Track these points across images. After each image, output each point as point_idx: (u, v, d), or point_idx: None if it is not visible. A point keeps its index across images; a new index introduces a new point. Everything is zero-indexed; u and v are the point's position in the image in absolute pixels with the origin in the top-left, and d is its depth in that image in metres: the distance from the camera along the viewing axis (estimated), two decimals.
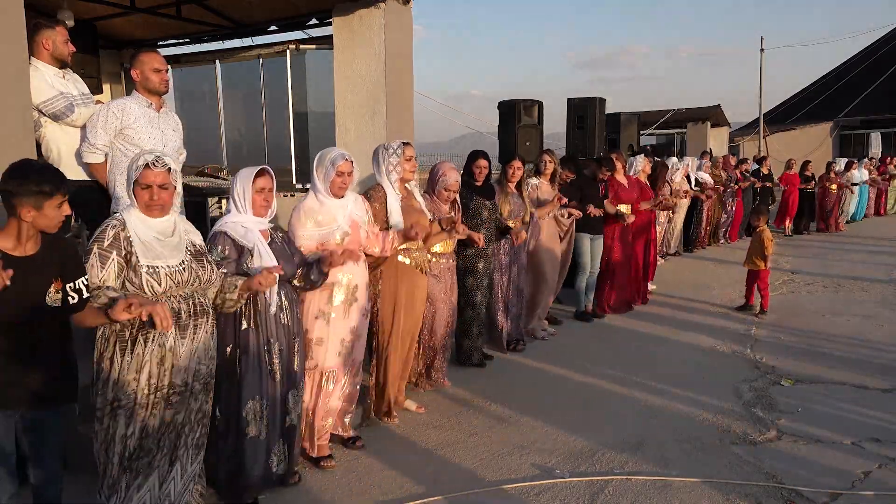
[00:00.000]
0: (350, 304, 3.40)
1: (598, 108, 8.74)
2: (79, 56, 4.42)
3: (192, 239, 2.63)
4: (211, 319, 2.64)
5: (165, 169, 2.46)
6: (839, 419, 3.99)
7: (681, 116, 17.98)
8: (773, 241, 6.59)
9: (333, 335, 3.35)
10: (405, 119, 5.68)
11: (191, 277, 2.51)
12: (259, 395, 2.92)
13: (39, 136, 3.55)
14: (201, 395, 2.65)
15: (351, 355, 3.46)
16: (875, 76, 26.23)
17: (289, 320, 3.03)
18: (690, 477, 3.28)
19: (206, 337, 2.61)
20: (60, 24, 3.70)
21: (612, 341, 5.70)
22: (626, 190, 6.47)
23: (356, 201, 3.48)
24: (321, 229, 3.29)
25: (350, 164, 3.33)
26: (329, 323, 3.33)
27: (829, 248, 10.98)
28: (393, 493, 3.15)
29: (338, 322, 3.36)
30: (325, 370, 3.36)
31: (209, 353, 2.64)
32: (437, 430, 3.83)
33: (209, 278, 2.60)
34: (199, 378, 2.60)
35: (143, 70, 3.51)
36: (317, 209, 3.32)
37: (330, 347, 3.35)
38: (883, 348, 5.40)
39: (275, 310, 2.95)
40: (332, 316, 3.34)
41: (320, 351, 3.33)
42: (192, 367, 2.56)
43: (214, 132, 7.79)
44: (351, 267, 3.33)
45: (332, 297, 3.34)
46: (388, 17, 5.30)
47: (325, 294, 3.31)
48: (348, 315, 3.40)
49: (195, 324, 2.55)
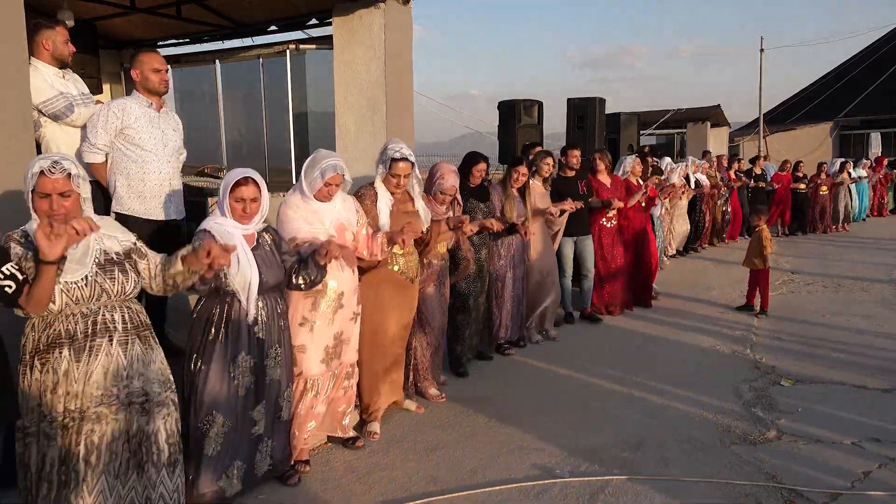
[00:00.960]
0: (335, 311, 3.30)
1: (598, 108, 8.74)
2: (79, 56, 4.42)
3: (106, 246, 2.40)
4: (119, 336, 2.38)
5: (65, 175, 2.23)
6: (839, 419, 3.98)
7: (681, 116, 17.97)
8: (772, 240, 6.57)
9: (317, 342, 3.25)
10: (405, 119, 5.67)
11: (94, 293, 2.30)
12: (218, 409, 2.80)
13: (39, 136, 3.55)
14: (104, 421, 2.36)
15: (339, 359, 3.38)
16: (875, 76, 26.20)
17: (265, 333, 2.90)
18: (690, 477, 3.28)
19: (108, 359, 2.35)
20: (60, 24, 3.70)
21: (612, 341, 5.70)
22: (608, 190, 6.31)
23: (345, 202, 3.35)
24: (310, 227, 3.20)
25: (341, 176, 3.20)
26: (313, 330, 3.24)
27: (829, 248, 10.98)
28: (393, 493, 3.14)
29: (322, 329, 3.26)
30: (309, 378, 3.27)
31: (121, 373, 2.38)
32: (437, 430, 3.83)
33: (121, 290, 2.37)
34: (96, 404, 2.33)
35: (143, 70, 3.51)
36: (302, 207, 3.22)
37: (313, 355, 3.25)
38: (883, 348, 5.40)
39: (252, 320, 2.84)
40: (316, 323, 3.24)
41: (303, 359, 3.24)
42: (89, 393, 2.31)
43: (214, 132, 7.80)
44: (336, 272, 3.24)
45: (317, 304, 3.23)
46: (388, 17, 5.30)
47: (309, 301, 3.22)
48: (333, 322, 3.30)
49: (92, 344, 2.32)
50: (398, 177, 3.65)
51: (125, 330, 2.40)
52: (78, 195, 2.30)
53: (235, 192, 2.78)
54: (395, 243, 3.52)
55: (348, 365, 3.49)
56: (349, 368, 3.50)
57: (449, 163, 4.33)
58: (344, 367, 3.45)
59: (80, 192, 2.32)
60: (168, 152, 3.64)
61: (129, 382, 2.40)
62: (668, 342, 5.64)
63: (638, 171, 6.89)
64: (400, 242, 3.47)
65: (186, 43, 7.61)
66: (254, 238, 2.89)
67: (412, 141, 5.87)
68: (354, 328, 3.48)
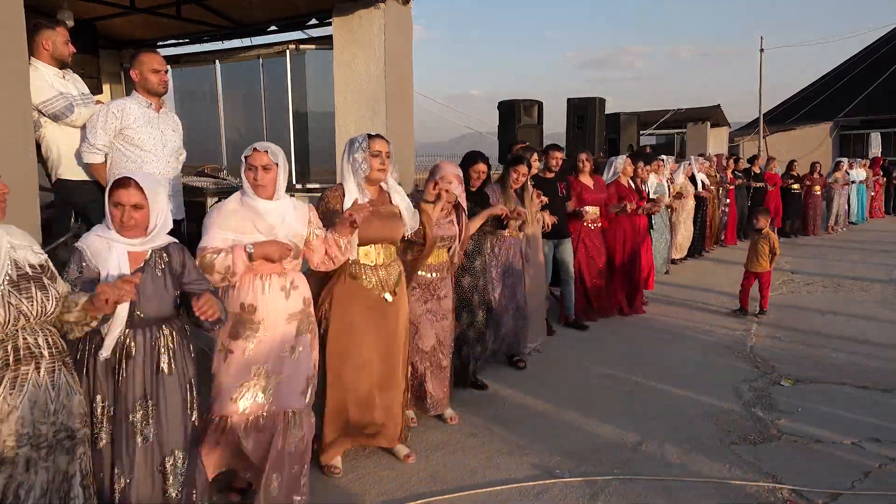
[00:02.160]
0: (255, 342, 2.77)
1: (597, 108, 8.76)
2: (79, 56, 4.42)
3: (19, 257, 2.01)
4: (46, 363, 2.02)
5: None
6: (839, 419, 3.98)
7: (681, 116, 17.99)
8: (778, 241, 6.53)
9: (229, 376, 2.75)
10: (405, 119, 5.67)
11: (9, 316, 1.92)
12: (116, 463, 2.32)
13: (39, 137, 3.55)
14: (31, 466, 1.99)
15: (262, 401, 2.77)
16: (875, 76, 26.21)
17: (130, 379, 2.30)
18: (690, 477, 3.28)
19: (35, 390, 1.98)
20: (61, 24, 3.70)
21: (611, 342, 5.69)
22: (591, 191, 6.00)
23: (296, 210, 2.86)
24: (238, 236, 2.72)
25: (265, 155, 2.71)
26: (227, 360, 2.76)
27: (829, 248, 10.98)
28: (393, 493, 3.14)
29: (235, 360, 2.75)
30: (220, 415, 2.77)
31: (48, 406, 2.01)
32: (437, 430, 3.83)
33: (41, 310, 1.99)
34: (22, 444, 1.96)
35: (142, 70, 3.51)
36: (240, 210, 2.75)
37: (225, 390, 2.75)
38: (883, 348, 5.40)
39: (110, 358, 2.27)
40: (231, 353, 2.75)
41: (217, 392, 2.76)
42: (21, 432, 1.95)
43: (214, 132, 7.79)
44: (257, 294, 2.78)
45: (235, 331, 2.74)
46: (388, 17, 5.30)
47: (229, 325, 2.73)
48: (252, 355, 2.76)
49: (15, 375, 1.95)
50: (380, 154, 3.16)
51: (51, 356, 2.04)
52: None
53: (114, 194, 2.29)
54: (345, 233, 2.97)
55: (285, 412, 2.80)
56: (288, 416, 2.81)
57: (453, 164, 3.84)
58: (277, 413, 2.79)
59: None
60: (167, 153, 3.65)
61: (56, 418, 2.05)
62: (667, 342, 5.64)
63: (629, 171, 6.61)
64: (348, 226, 2.93)
65: (186, 43, 7.61)
66: (144, 256, 2.37)
67: (412, 141, 5.87)
68: (294, 365, 2.83)
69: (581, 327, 5.98)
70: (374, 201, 3.23)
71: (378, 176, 3.22)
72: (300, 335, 2.87)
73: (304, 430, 2.84)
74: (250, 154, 2.73)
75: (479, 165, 4.32)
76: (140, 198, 2.29)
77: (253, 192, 2.73)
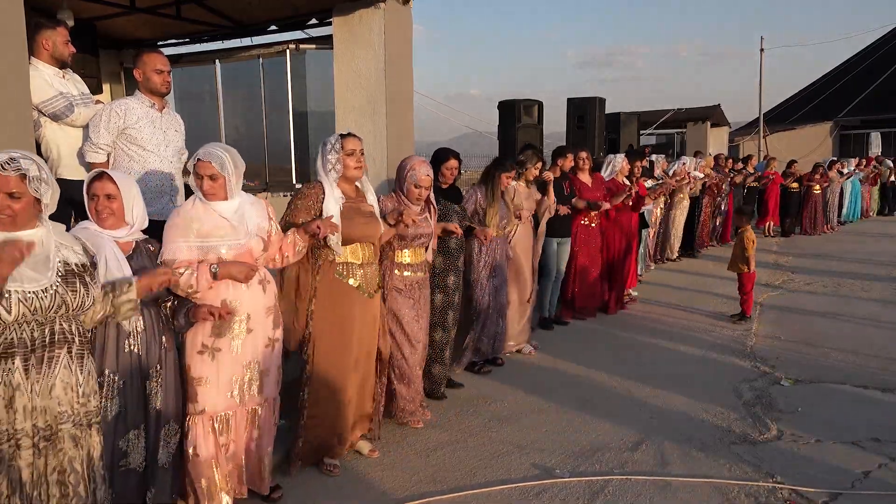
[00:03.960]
0: (242, 338, 2.80)
1: (597, 108, 8.77)
2: (79, 56, 4.41)
3: (66, 257, 2.18)
4: (76, 349, 2.17)
5: (18, 174, 2.02)
6: (839, 419, 3.99)
7: (681, 116, 18.00)
8: (755, 242, 6.37)
9: (222, 374, 2.77)
10: (405, 119, 5.67)
11: (53, 304, 2.08)
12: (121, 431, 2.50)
13: (39, 137, 3.55)
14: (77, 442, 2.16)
15: (254, 394, 2.86)
16: (875, 76, 26.21)
17: (141, 349, 2.53)
18: (690, 477, 3.28)
19: (67, 372, 2.14)
20: (61, 24, 3.69)
21: (611, 342, 5.70)
22: (590, 189, 6.09)
23: (254, 205, 2.84)
24: (203, 241, 2.68)
25: (210, 165, 2.67)
26: (215, 359, 2.75)
27: (828, 248, 10.98)
28: (393, 493, 3.15)
29: (226, 359, 2.77)
30: (215, 415, 2.79)
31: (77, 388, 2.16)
32: (437, 430, 3.83)
33: (81, 304, 2.16)
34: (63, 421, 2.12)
35: (146, 70, 3.51)
36: (195, 216, 2.70)
37: (217, 388, 2.77)
38: (883, 348, 5.40)
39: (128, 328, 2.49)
40: (219, 351, 2.76)
41: (205, 392, 2.75)
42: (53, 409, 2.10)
43: (214, 132, 7.79)
44: (240, 291, 2.77)
45: (219, 329, 2.75)
46: (388, 16, 5.29)
47: (209, 325, 2.72)
48: (240, 350, 2.80)
49: (51, 355, 2.09)
50: (354, 153, 3.19)
51: (81, 343, 2.20)
52: (32, 200, 2.07)
53: (90, 187, 2.50)
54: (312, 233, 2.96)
55: (271, 400, 2.98)
56: (270, 404, 2.98)
57: (422, 163, 3.79)
58: (264, 403, 2.94)
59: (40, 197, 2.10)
60: (170, 153, 3.64)
61: (87, 401, 2.20)
62: (667, 342, 5.64)
63: (626, 170, 6.68)
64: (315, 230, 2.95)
65: (186, 43, 7.61)
66: (130, 246, 2.57)
67: (412, 141, 5.87)
68: (273, 357, 2.94)
69: (562, 324, 6.08)
70: (352, 199, 3.25)
71: (355, 174, 3.24)
72: (276, 328, 2.95)
73: (276, 417, 3.05)
74: (196, 164, 2.70)
75: (452, 162, 4.28)
76: (113, 188, 2.48)
77: (205, 199, 2.72)
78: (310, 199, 3.15)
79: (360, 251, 3.28)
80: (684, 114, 17.98)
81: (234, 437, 2.86)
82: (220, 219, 2.71)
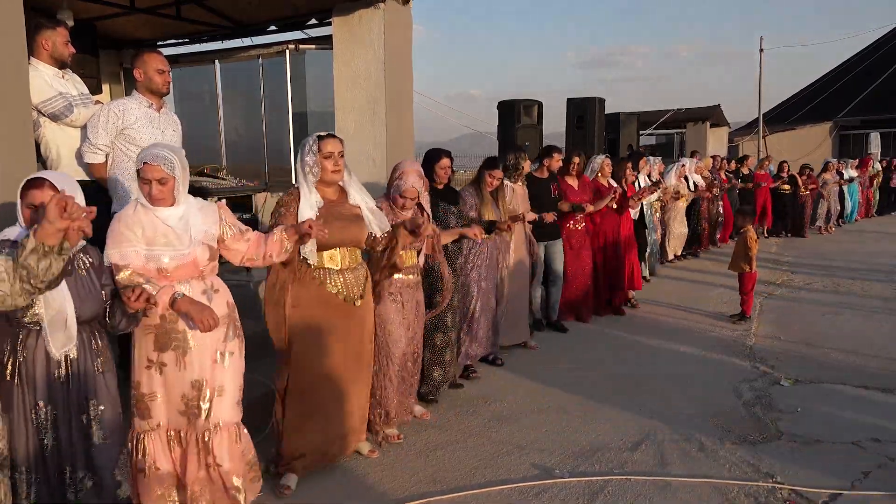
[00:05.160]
0: (185, 351, 2.61)
1: (597, 108, 8.76)
2: (78, 56, 4.41)
3: None
4: None
5: None
6: (839, 419, 3.98)
7: (680, 116, 17.99)
8: (757, 241, 6.37)
9: (170, 389, 2.62)
10: (405, 119, 5.68)
11: None
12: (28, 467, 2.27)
13: (38, 137, 3.55)
14: None
15: (204, 417, 2.65)
16: (875, 76, 26.22)
17: (74, 380, 2.31)
18: (690, 477, 3.28)
19: None
20: (61, 24, 3.69)
21: (611, 342, 5.69)
22: (576, 192, 5.98)
23: (202, 210, 2.68)
24: (148, 249, 2.52)
25: (159, 168, 2.47)
26: (162, 373, 2.61)
27: (828, 248, 10.98)
28: (393, 493, 3.14)
29: (171, 373, 2.61)
30: (170, 430, 2.66)
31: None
32: (437, 430, 3.83)
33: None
34: None
35: (147, 70, 3.51)
36: (138, 222, 2.53)
37: (167, 404, 2.63)
38: (883, 348, 5.40)
39: (56, 361, 2.25)
40: (164, 366, 2.60)
41: (156, 407, 2.62)
42: None
43: (214, 132, 7.79)
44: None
45: (161, 342, 2.59)
46: (388, 16, 5.30)
47: (151, 338, 2.59)
48: (186, 365, 2.62)
49: None
50: (332, 155, 3.02)
51: None
52: None
53: (27, 195, 2.22)
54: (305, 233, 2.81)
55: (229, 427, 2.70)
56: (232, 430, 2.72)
57: (414, 162, 3.70)
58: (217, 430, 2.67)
59: None
60: None
61: None
62: (667, 342, 5.64)
63: (608, 171, 6.54)
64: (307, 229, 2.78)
65: (186, 43, 7.61)
66: None
67: (412, 141, 5.87)
68: (227, 373, 2.71)
69: (561, 329, 5.91)
70: (333, 202, 3.11)
71: (332, 178, 3.08)
72: (228, 340, 2.72)
73: (244, 444, 2.76)
74: (142, 168, 2.50)
75: (444, 161, 4.17)
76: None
77: (151, 203, 2.54)
78: (289, 208, 3.02)
79: (340, 256, 3.14)
80: (684, 114, 17.98)
81: (188, 459, 2.65)
82: (164, 226, 2.54)
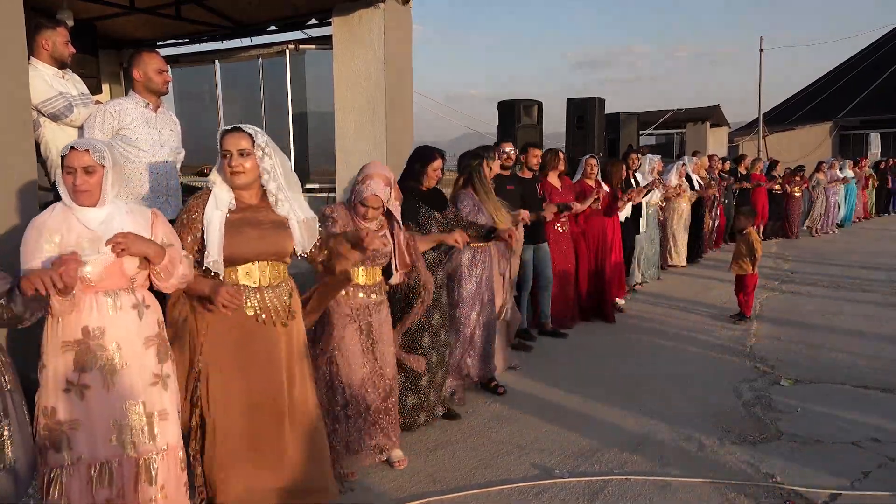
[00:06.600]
0: (113, 372, 2.32)
1: (597, 108, 8.75)
2: (78, 56, 4.41)
3: None
4: None
5: None
6: (839, 419, 3.98)
7: (680, 116, 18.00)
8: (760, 242, 6.33)
9: (95, 416, 2.31)
10: (405, 119, 5.68)
11: None
12: None
13: (38, 137, 3.54)
14: None
15: (144, 440, 2.38)
16: (875, 76, 26.26)
17: None
18: (690, 477, 3.28)
19: None
20: (61, 24, 3.69)
21: (611, 342, 5.70)
22: (560, 193, 5.83)
23: (131, 215, 2.41)
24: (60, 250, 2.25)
25: (86, 155, 2.27)
26: (84, 399, 2.29)
27: (827, 248, 10.99)
28: (393, 494, 3.14)
29: (96, 397, 2.30)
30: (93, 464, 2.31)
31: None
32: (437, 430, 3.83)
33: None
34: None
35: (147, 70, 3.51)
36: (55, 228, 2.27)
37: (92, 433, 2.31)
38: (883, 348, 5.40)
39: None
40: (87, 388, 2.29)
41: (80, 438, 2.29)
42: None
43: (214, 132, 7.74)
44: (104, 313, 2.32)
45: (84, 363, 2.29)
46: (388, 17, 5.29)
47: (71, 357, 2.28)
48: (112, 388, 2.32)
49: None
50: (229, 154, 2.55)
51: None
52: None
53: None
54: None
55: (172, 449, 2.47)
56: (174, 454, 2.48)
57: (383, 166, 3.25)
58: (161, 453, 2.42)
59: None
60: (165, 152, 3.64)
61: None
62: (667, 343, 5.64)
63: (594, 172, 6.37)
64: None
65: (186, 43, 7.61)
66: None
67: (412, 141, 5.86)
68: (167, 398, 2.46)
69: (559, 335, 5.74)
70: (251, 208, 2.63)
71: (232, 181, 2.57)
72: (162, 363, 2.46)
73: (184, 471, 2.54)
74: (67, 154, 2.28)
75: (437, 162, 3.76)
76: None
77: (73, 199, 2.29)
78: (193, 212, 2.59)
79: (258, 272, 2.65)
80: (684, 114, 17.99)
81: (117, 493, 2.33)
82: (85, 229, 2.29)
